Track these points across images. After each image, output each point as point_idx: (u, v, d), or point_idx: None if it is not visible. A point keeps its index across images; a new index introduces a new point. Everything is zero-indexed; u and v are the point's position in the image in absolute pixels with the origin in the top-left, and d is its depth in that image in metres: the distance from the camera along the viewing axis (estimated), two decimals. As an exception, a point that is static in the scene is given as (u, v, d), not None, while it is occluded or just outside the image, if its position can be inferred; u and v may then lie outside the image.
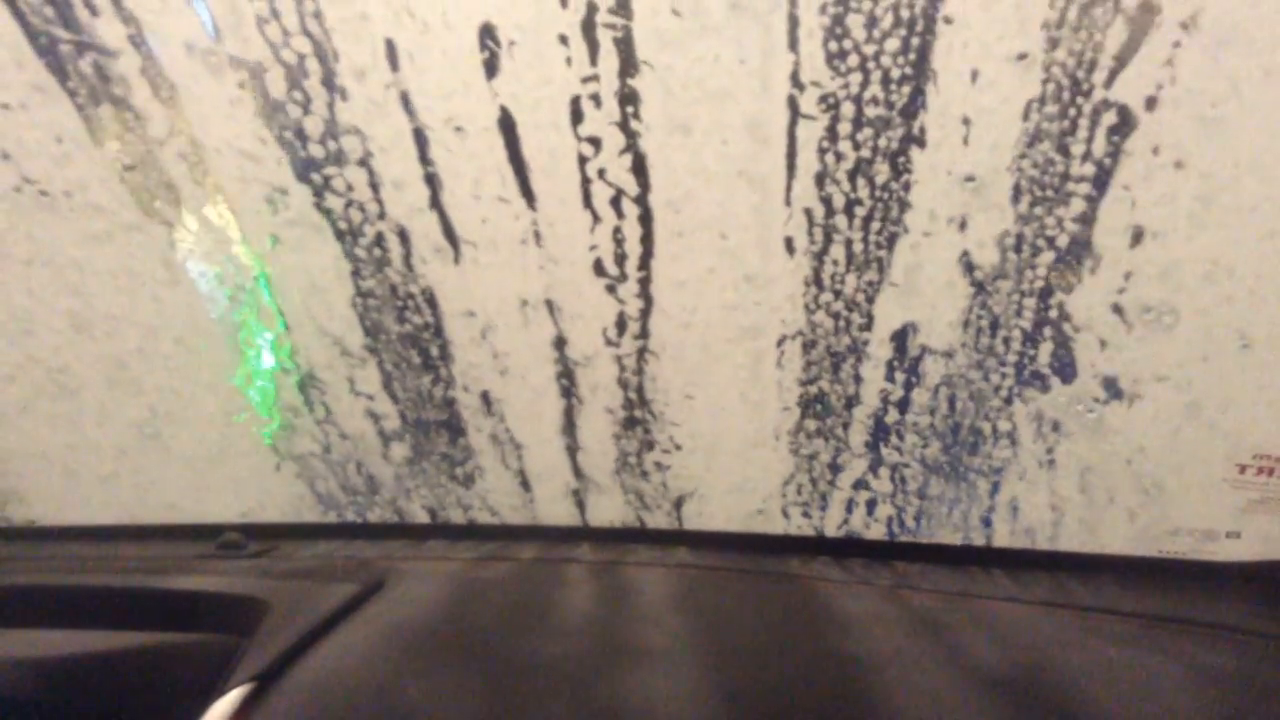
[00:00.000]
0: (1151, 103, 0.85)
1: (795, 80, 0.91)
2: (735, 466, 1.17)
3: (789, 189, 0.98)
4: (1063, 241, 0.95)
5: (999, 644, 0.78)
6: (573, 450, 1.21)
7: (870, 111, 0.92)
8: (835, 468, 1.16)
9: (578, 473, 1.22)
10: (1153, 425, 1.01)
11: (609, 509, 1.23)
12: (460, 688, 0.71)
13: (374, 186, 1.03)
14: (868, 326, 1.05)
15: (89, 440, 1.22)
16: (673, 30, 0.90)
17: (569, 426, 1.19)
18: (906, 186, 0.95)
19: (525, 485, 1.25)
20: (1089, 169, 0.90)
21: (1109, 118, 0.87)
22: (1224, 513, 1.02)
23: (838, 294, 1.04)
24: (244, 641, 0.81)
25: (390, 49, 0.94)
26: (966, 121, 0.90)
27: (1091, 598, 0.89)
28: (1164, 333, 0.96)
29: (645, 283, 1.06)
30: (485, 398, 1.19)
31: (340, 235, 1.08)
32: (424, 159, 1.01)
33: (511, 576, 0.96)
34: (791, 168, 0.96)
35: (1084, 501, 1.07)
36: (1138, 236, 0.92)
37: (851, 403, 1.11)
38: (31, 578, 0.99)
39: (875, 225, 0.99)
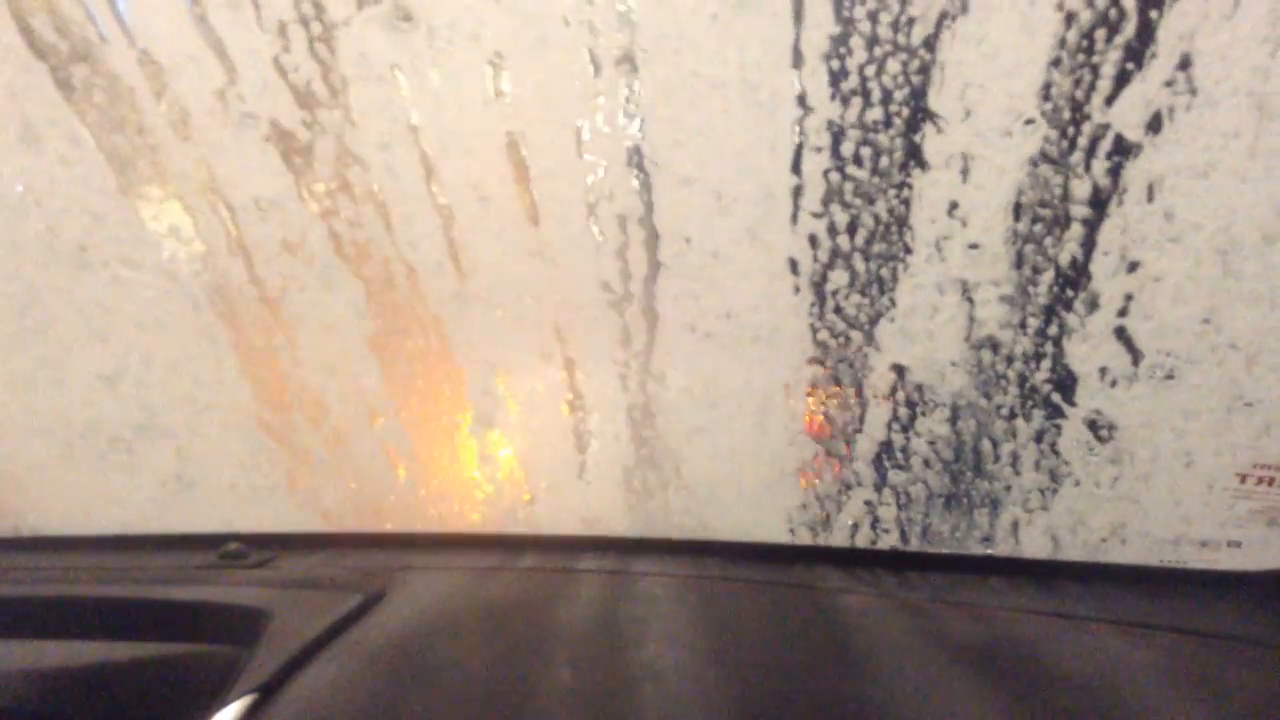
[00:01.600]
0: (1153, 131, 0.87)
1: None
2: (742, 477, 1.18)
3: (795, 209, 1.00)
4: (1064, 261, 0.97)
5: (1000, 652, 0.78)
6: (578, 460, 1.21)
7: (875, 138, 0.95)
8: (845, 480, 1.16)
9: (583, 483, 1.23)
10: (1154, 435, 1.01)
11: (615, 519, 1.23)
12: (464, 698, 0.71)
13: (386, 224, 1.06)
14: (870, 344, 1.07)
15: (91, 451, 1.22)
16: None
17: (577, 437, 1.20)
18: (907, 203, 0.97)
19: (530, 494, 1.25)
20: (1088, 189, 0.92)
21: (1107, 144, 0.89)
22: (1224, 522, 1.02)
23: (839, 310, 1.06)
24: (246, 652, 0.81)
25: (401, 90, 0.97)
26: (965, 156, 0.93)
27: (1094, 607, 0.89)
28: (1165, 352, 0.97)
29: (650, 305, 1.08)
30: (491, 412, 1.20)
31: (355, 275, 1.10)
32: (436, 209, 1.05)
33: (515, 586, 0.96)
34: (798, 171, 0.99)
35: (1086, 511, 1.07)
36: (1133, 267, 0.93)
37: (860, 420, 1.12)
38: (34, 588, 0.99)
39: (878, 247, 1.00)
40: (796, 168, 0.97)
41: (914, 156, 0.94)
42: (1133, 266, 0.93)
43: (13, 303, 1.12)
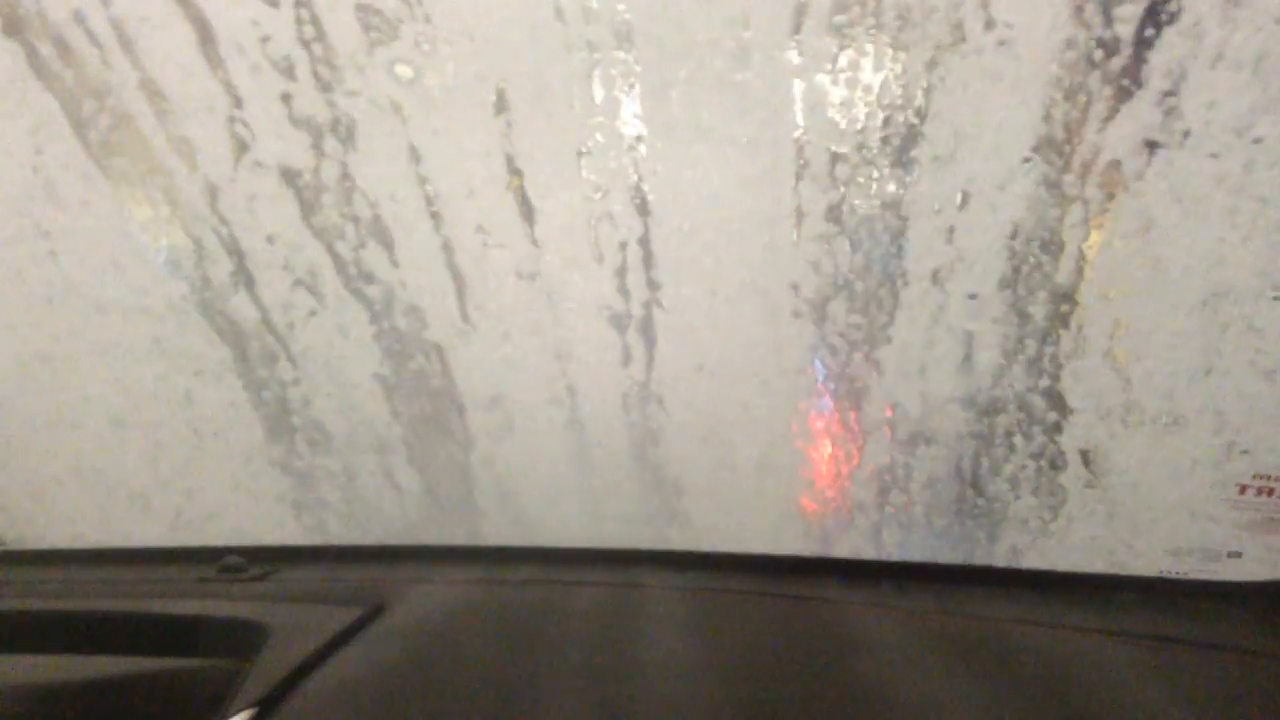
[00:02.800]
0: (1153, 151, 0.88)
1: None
2: (743, 490, 1.18)
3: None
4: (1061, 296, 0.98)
5: (1002, 662, 0.78)
6: (579, 470, 1.21)
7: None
8: (846, 493, 1.17)
9: (584, 493, 1.23)
10: (1154, 446, 1.01)
11: (615, 531, 1.23)
12: (465, 712, 0.71)
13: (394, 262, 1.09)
14: (871, 366, 1.08)
15: (91, 464, 1.22)
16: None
17: (576, 447, 1.20)
18: (905, 235, 0.99)
19: (529, 506, 1.25)
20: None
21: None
22: (1225, 533, 1.02)
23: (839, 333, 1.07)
24: (245, 666, 0.80)
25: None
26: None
27: (1095, 618, 0.89)
28: (1165, 356, 0.97)
29: (650, 325, 1.09)
30: (491, 425, 1.20)
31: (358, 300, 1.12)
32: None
33: (516, 599, 0.95)
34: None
35: (1086, 522, 1.07)
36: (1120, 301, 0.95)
37: (861, 437, 1.13)
38: (31, 602, 0.99)
39: (877, 275, 1.02)
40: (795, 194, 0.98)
41: (912, 196, 0.96)
42: (1119, 300, 0.95)
43: (20, 322, 1.13)
